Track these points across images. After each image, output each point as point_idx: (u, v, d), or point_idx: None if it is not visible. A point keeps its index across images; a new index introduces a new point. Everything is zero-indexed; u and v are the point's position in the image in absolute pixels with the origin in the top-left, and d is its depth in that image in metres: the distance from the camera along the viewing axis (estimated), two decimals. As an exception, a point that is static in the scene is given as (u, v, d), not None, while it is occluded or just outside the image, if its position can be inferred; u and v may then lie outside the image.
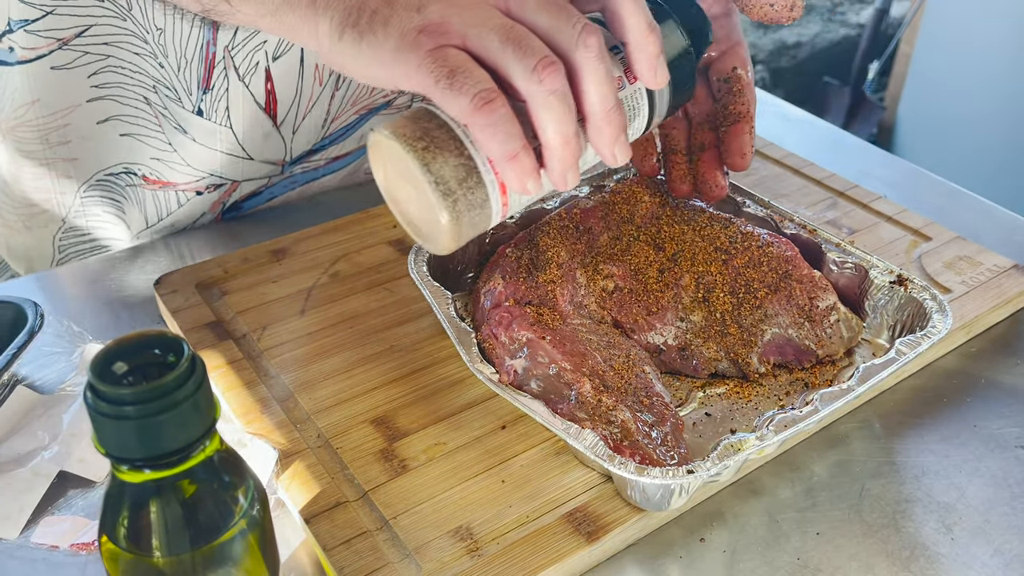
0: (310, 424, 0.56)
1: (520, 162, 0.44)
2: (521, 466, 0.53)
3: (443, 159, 0.45)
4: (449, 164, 0.45)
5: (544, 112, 0.44)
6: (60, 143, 0.71)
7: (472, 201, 0.46)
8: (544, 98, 0.43)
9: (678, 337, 0.60)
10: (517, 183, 0.45)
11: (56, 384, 0.60)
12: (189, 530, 0.34)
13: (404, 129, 0.46)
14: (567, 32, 0.44)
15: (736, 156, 0.63)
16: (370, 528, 0.50)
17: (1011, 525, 0.52)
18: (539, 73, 0.43)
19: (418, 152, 0.45)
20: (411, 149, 0.45)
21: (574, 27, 0.44)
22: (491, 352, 0.56)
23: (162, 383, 0.31)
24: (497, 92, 0.43)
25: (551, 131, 0.44)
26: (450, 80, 0.42)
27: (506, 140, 0.43)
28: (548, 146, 0.45)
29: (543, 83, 0.43)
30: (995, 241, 0.74)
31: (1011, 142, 2.10)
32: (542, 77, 0.43)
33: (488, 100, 0.42)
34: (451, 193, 0.45)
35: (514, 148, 0.44)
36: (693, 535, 0.51)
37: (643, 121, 0.52)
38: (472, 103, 0.42)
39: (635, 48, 0.47)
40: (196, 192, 0.76)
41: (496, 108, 0.43)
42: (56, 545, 0.50)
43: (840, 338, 0.60)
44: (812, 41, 3.07)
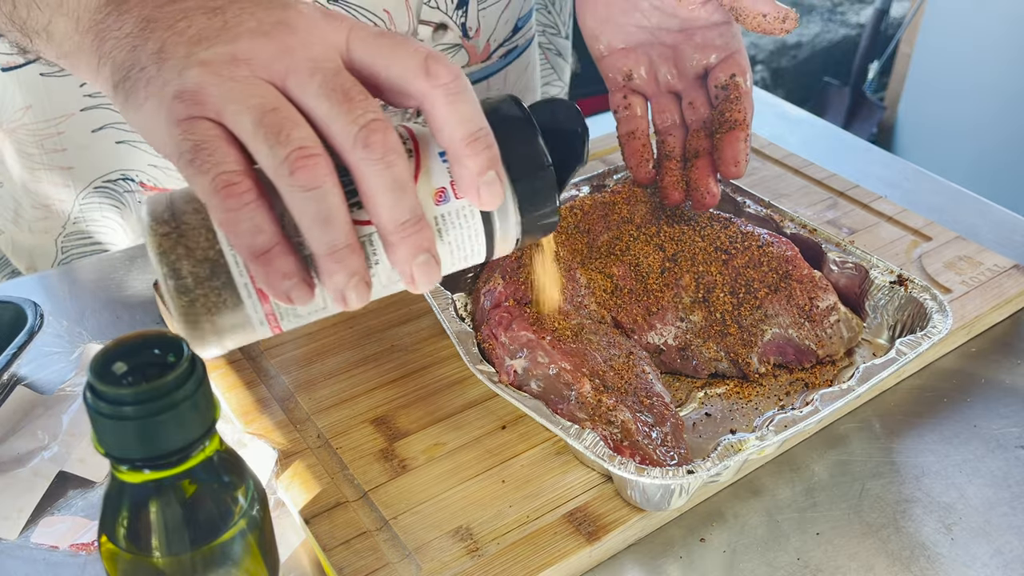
0: (310, 424, 0.56)
1: (272, 264, 0.37)
2: (521, 466, 0.53)
3: (184, 250, 0.38)
4: (191, 257, 0.38)
5: (298, 213, 0.37)
6: (56, 150, 0.71)
7: (215, 305, 0.38)
8: (295, 196, 0.36)
9: (678, 337, 0.60)
10: (272, 290, 0.37)
11: (56, 384, 0.60)
12: (189, 530, 0.34)
13: (156, 207, 0.39)
14: (345, 126, 0.37)
15: (730, 164, 0.62)
16: (370, 528, 0.50)
17: (1011, 525, 0.52)
18: (288, 164, 0.36)
19: (158, 237, 0.38)
20: (152, 232, 0.38)
21: (355, 121, 0.37)
22: (491, 352, 0.56)
23: (162, 383, 0.31)
24: (244, 175, 0.36)
25: (309, 237, 0.37)
26: (192, 155, 0.37)
27: (251, 233, 0.36)
28: (314, 255, 0.38)
29: (292, 177, 0.36)
30: (995, 241, 0.74)
31: (1011, 142, 2.10)
32: (292, 169, 0.36)
33: (230, 183, 0.36)
34: (187, 291, 0.38)
35: (262, 243, 0.36)
36: (693, 535, 0.51)
37: (478, 246, 0.42)
38: (211, 184, 0.36)
39: (452, 159, 0.39)
40: None
41: (239, 192, 0.36)
42: (56, 545, 0.50)
43: (840, 338, 0.60)
44: (812, 41, 3.07)
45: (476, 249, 0.43)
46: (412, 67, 0.39)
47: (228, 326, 0.39)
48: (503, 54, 0.82)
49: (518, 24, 0.82)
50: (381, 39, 0.39)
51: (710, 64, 0.64)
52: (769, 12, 0.59)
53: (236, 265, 0.38)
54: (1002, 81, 2.10)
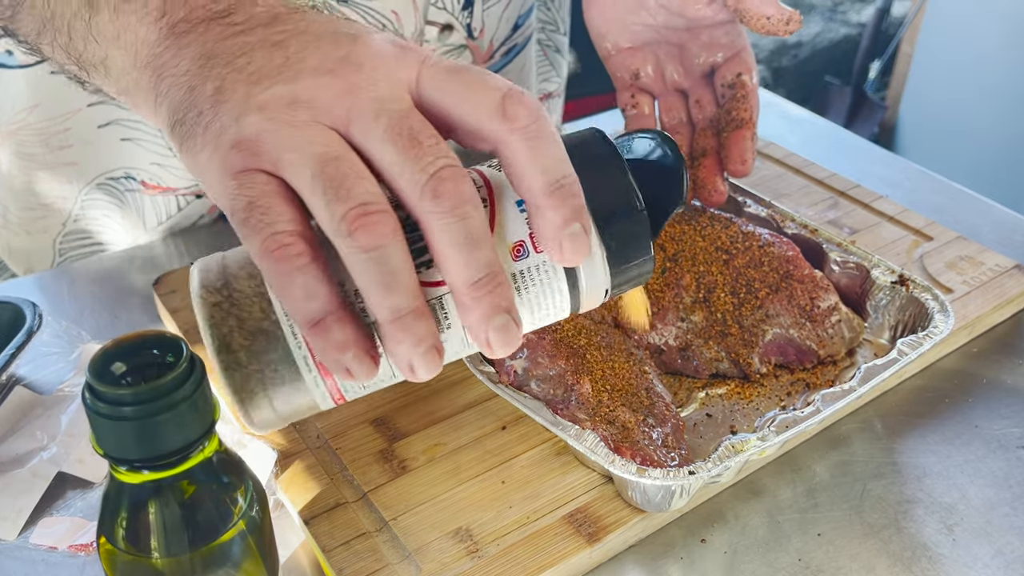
0: (310, 424, 0.56)
1: (328, 334, 0.33)
2: (521, 467, 0.53)
3: (236, 320, 0.35)
4: (243, 328, 0.35)
5: (359, 276, 0.33)
6: (61, 147, 0.71)
7: (272, 379, 0.35)
8: (355, 257, 0.33)
9: (679, 337, 0.59)
10: (331, 362, 0.34)
11: (54, 385, 0.60)
12: (188, 531, 0.34)
13: (208, 272, 0.36)
14: (413, 175, 0.33)
15: (736, 162, 0.62)
16: (370, 529, 0.49)
17: (1013, 526, 0.51)
18: (348, 223, 0.32)
19: (208, 307, 0.35)
20: (201, 302, 0.35)
21: (424, 169, 0.33)
22: (491, 352, 0.56)
23: (161, 384, 0.31)
24: (298, 236, 0.33)
25: (371, 302, 0.34)
26: (246, 214, 0.33)
27: (304, 299, 0.33)
28: (377, 321, 0.34)
29: (352, 237, 0.33)
30: (997, 241, 0.74)
31: (1013, 141, 2.10)
32: (351, 229, 0.32)
33: (282, 244, 0.33)
34: (239, 367, 0.35)
35: (315, 312, 0.33)
36: (694, 536, 0.51)
37: (562, 303, 0.38)
38: (263, 245, 0.33)
39: (532, 210, 0.35)
40: (196, 195, 0.76)
41: (291, 255, 0.33)
42: (55, 546, 0.50)
43: (841, 338, 0.60)
44: (813, 40, 3.07)
45: (560, 306, 0.38)
46: (487, 106, 0.35)
47: (286, 401, 0.36)
48: (504, 53, 0.82)
49: (518, 22, 0.82)
50: (455, 75, 0.36)
51: (716, 62, 0.64)
52: (773, 14, 0.59)
53: (293, 337, 0.35)
54: (1003, 80, 2.10)
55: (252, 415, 0.36)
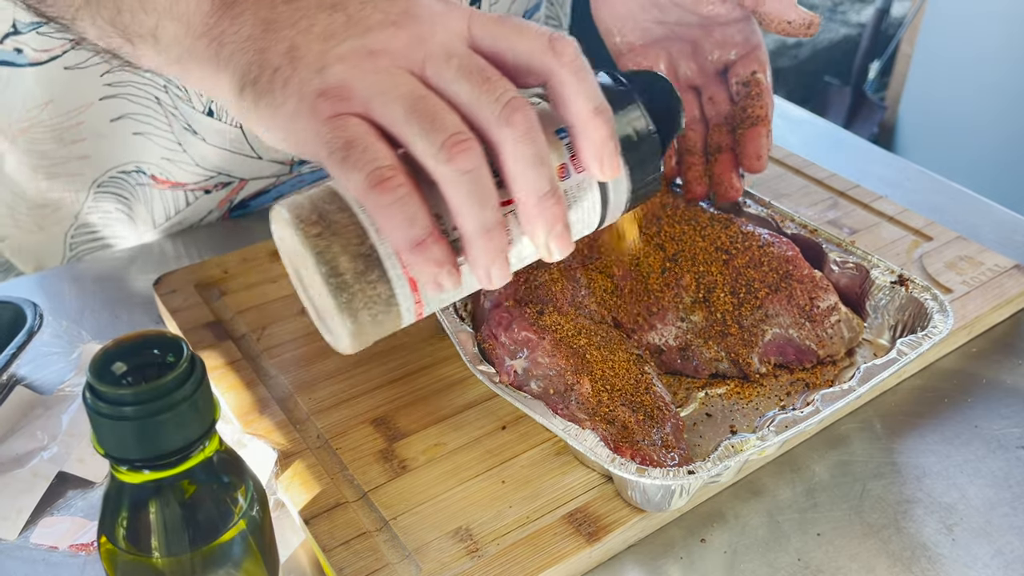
0: (310, 424, 0.56)
1: (427, 252, 0.38)
2: (521, 467, 0.53)
3: (339, 247, 0.39)
4: (346, 254, 0.39)
5: (456, 196, 0.38)
6: (74, 141, 0.72)
7: (372, 298, 0.40)
8: (454, 180, 0.37)
9: (678, 337, 0.60)
10: (427, 277, 0.39)
11: (55, 384, 0.60)
12: (188, 531, 0.34)
13: (300, 210, 0.40)
14: (489, 106, 0.38)
15: (752, 159, 0.63)
16: (370, 529, 0.49)
17: (1012, 526, 0.51)
18: (447, 151, 0.37)
19: (310, 238, 0.39)
20: (304, 234, 0.39)
21: (497, 100, 0.38)
22: (491, 352, 0.56)
23: (161, 383, 0.31)
24: (396, 169, 0.37)
25: (465, 218, 0.38)
26: (344, 153, 0.37)
27: (408, 225, 0.37)
28: (464, 236, 0.39)
29: (451, 163, 0.37)
30: (996, 241, 0.74)
31: (1012, 142, 2.10)
32: (450, 155, 0.37)
33: (385, 178, 0.37)
34: (346, 287, 0.39)
35: (418, 235, 0.38)
36: (694, 536, 0.51)
37: (593, 216, 0.45)
38: (367, 180, 0.37)
39: (579, 134, 0.41)
40: (204, 191, 0.77)
41: (394, 187, 0.37)
42: (55, 546, 0.50)
43: (841, 338, 0.60)
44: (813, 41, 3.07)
45: (592, 219, 0.45)
46: (539, 46, 0.40)
47: (383, 317, 0.41)
48: None
49: (525, 17, 0.82)
50: (503, 22, 0.41)
51: (730, 60, 0.64)
52: (795, 19, 0.59)
53: (389, 258, 0.39)
54: (1003, 80, 2.10)
55: (354, 331, 0.40)
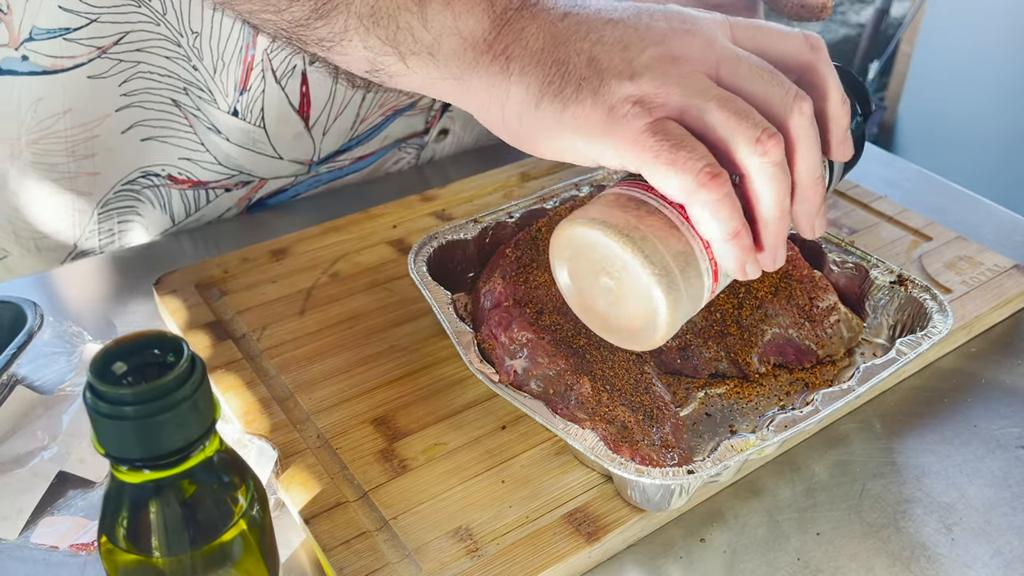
0: (310, 424, 0.56)
1: (741, 241, 0.41)
2: (521, 466, 0.53)
3: (664, 248, 0.41)
4: (670, 253, 0.41)
5: (767, 186, 0.41)
6: (86, 156, 0.71)
7: (691, 291, 0.43)
8: (768, 171, 0.41)
9: (678, 337, 0.60)
10: (736, 264, 0.42)
11: (55, 384, 0.60)
12: (189, 530, 0.34)
13: (613, 219, 0.42)
14: (782, 98, 0.42)
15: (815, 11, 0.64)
16: (370, 528, 0.50)
17: (1012, 525, 0.52)
18: (763, 145, 0.40)
19: (636, 243, 0.41)
20: (628, 241, 0.41)
21: (787, 92, 0.42)
22: (491, 352, 0.56)
23: (162, 383, 0.31)
24: (721, 168, 0.40)
25: (770, 205, 0.42)
26: (673, 155, 0.40)
27: (729, 218, 0.41)
28: (765, 222, 0.42)
29: (767, 155, 0.40)
30: (996, 241, 0.74)
31: (1012, 142, 2.10)
32: (767, 149, 0.40)
33: (715, 174, 0.40)
34: (674, 286, 0.42)
35: (736, 226, 0.41)
36: (693, 535, 0.51)
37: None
38: (697, 179, 0.39)
39: (832, 119, 0.45)
40: (225, 189, 0.77)
41: (723, 183, 0.40)
42: (56, 545, 0.50)
43: (840, 338, 0.60)
44: (812, 41, 3.07)
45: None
46: (799, 44, 0.44)
47: (690, 308, 0.44)
48: None
49: None
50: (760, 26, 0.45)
51: None
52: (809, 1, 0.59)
53: (700, 251, 0.42)
54: (1003, 80, 2.10)
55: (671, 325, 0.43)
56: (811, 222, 0.45)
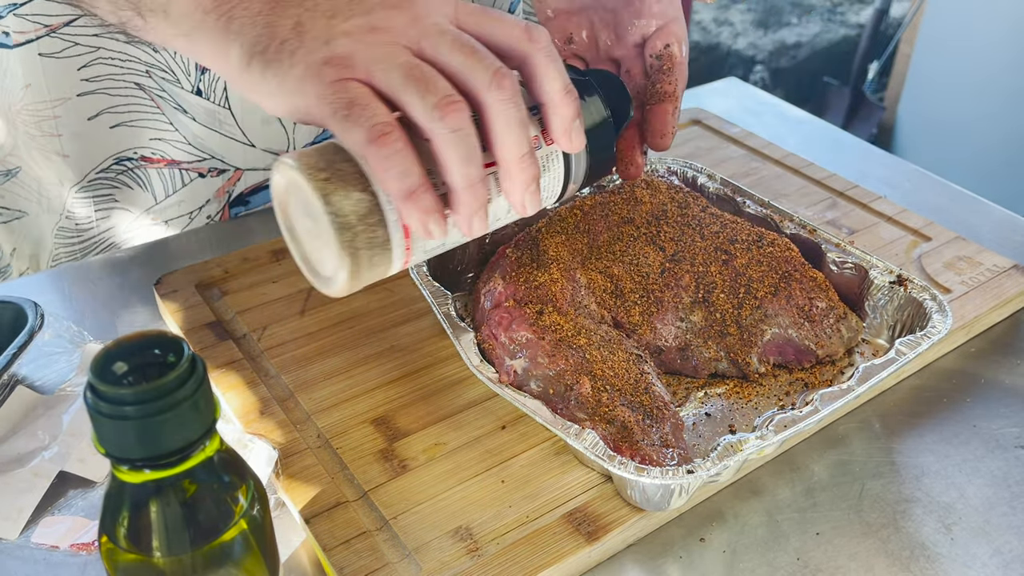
0: (310, 424, 0.56)
1: (419, 200, 0.43)
2: (521, 466, 0.53)
3: (344, 192, 0.43)
4: (351, 198, 0.43)
5: (446, 151, 0.43)
6: (52, 134, 0.72)
7: (372, 240, 0.44)
8: (445, 136, 0.42)
9: (678, 337, 0.60)
10: (417, 223, 0.43)
11: (56, 384, 0.60)
12: (189, 530, 0.34)
13: (308, 159, 0.44)
14: (480, 73, 0.43)
15: (656, 136, 0.62)
16: (370, 528, 0.50)
17: (1011, 525, 0.52)
18: (440, 110, 0.42)
19: (319, 182, 0.43)
20: (312, 179, 0.43)
21: (487, 68, 0.43)
22: (491, 352, 0.56)
23: (162, 383, 0.31)
24: (394, 126, 0.42)
25: (454, 171, 0.43)
26: (347, 111, 0.42)
27: (403, 175, 0.42)
28: (452, 188, 0.44)
29: (443, 120, 0.42)
30: (995, 241, 0.74)
31: (1011, 142, 2.10)
32: (443, 114, 0.42)
33: (383, 132, 0.41)
34: (350, 227, 0.43)
35: (411, 184, 0.42)
36: (693, 535, 0.51)
37: (557, 185, 0.50)
38: (367, 135, 0.41)
39: (551, 109, 0.46)
40: (199, 174, 0.77)
41: (391, 141, 0.41)
42: (56, 545, 0.50)
43: (840, 338, 0.60)
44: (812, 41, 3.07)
45: (555, 189, 0.50)
46: (517, 31, 0.46)
47: (378, 259, 0.45)
48: None
49: (511, 9, 0.83)
50: (485, 11, 0.46)
51: (647, 32, 0.64)
52: None
53: (387, 204, 0.44)
54: (1002, 81, 2.10)
55: (351, 270, 0.44)
56: (520, 198, 0.46)
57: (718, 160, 0.83)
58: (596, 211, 0.65)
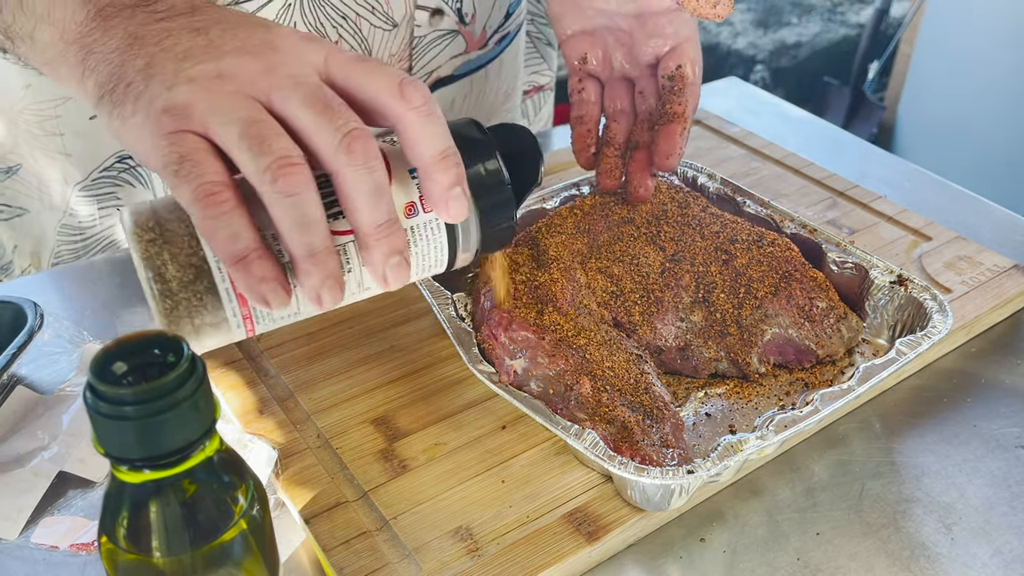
0: (310, 424, 0.56)
1: (250, 268, 0.39)
2: (521, 466, 0.53)
3: (169, 255, 0.40)
4: (175, 262, 0.40)
5: (279, 218, 0.39)
6: (55, 133, 0.72)
7: (198, 308, 0.41)
8: (277, 201, 0.38)
9: (678, 337, 0.60)
10: (251, 292, 0.39)
11: (56, 384, 0.60)
12: (189, 530, 0.34)
13: (140, 216, 0.41)
14: (329, 134, 0.39)
15: (663, 156, 0.62)
16: (370, 528, 0.50)
17: (1011, 525, 0.52)
18: (271, 172, 0.38)
19: (142, 243, 0.40)
20: (136, 239, 0.40)
21: (337, 129, 0.39)
22: (491, 352, 0.56)
23: (162, 383, 0.31)
24: (225, 186, 0.38)
25: (290, 239, 0.39)
26: (177, 166, 0.38)
27: (231, 240, 0.38)
28: (292, 256, 0.40)
29: (275, 184, 0.38)
30: (995, 241, 0.74)
31: (1011, 142, 2.10)
32: (275, 177, 0.38)
33: (211, 192, 0.38)
34: (171, 295, 0.40)
35: (240, 250, 0.38)
36: (693, 535, 0.51)
37: (441, 255, 0.45)
38: (194, 193, 0.38)
39: (424, 175, 0.42)
40: None
41: (219, 201, 0.38)
42: (56, 545, 0.50)
43: (840, 338, 0.60)
44: (812, 41, 3.07)
45: (439, 259, 0.46)
46: (387, 88, 0.41)
47: (208, 327, 0.42)
48: (498, 40, 0.82)
49: (509, 10, 0.83)
50: (358, 61, 0.42)
51: (661, 52, 0.64)
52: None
53: (219, 271, 0.40)
54: (1002, 81, 2.10)
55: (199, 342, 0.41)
56: (380, 272, 0.41)
57: (718, 160, 0.83)
58: (596, 211, 0.65)
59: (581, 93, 0.67)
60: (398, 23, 0.73)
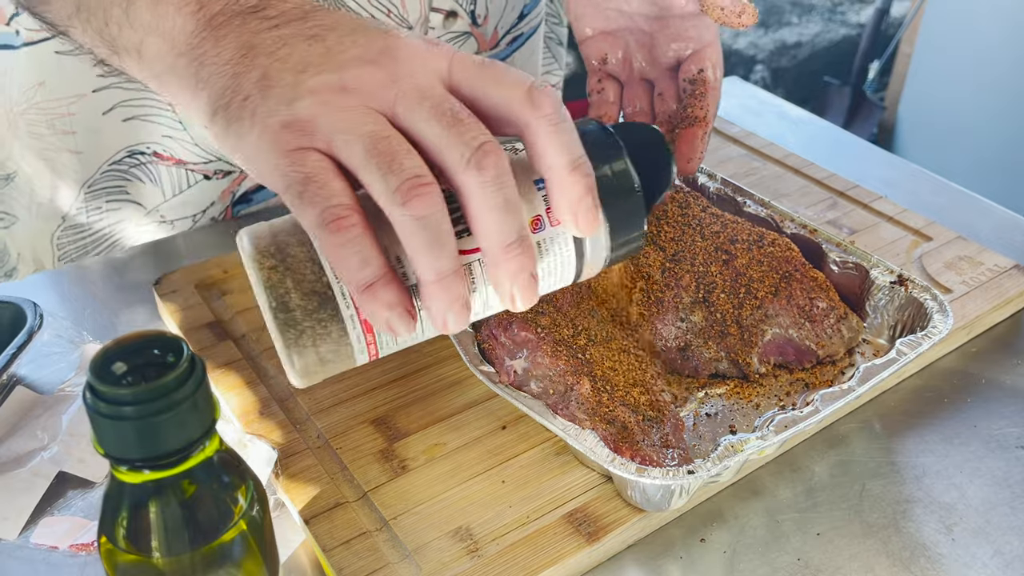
0: (310, 424, 0.56)
1: (377, 294, 0.37)
2: (521, 466, 0.53)
3: (292, 282, 0.38)
4: (299, 290, 0.38)
5: (409, 241, 0.37)
6: (66, 132, 0.72)
7: (322, 336, 0.39)
8: (408, 224, 0.36)
9: (678, 337, 0.60)
10: (378, 321, 0.38)
11: (55, 384, 0.60)
12: (188, 531, 0.34)
13: (260, 240, 0.39)
14: (458, 148, 0.37)
15: (684, 160, 0.62)
16: (370, 529, 0.50)
17: (1011, 525, 0.52)
18: (402, 195, 0.36)
19: (264, 270, 0.38)
20: (258, 265, 0.39)
21: (467, 144, 0.37)
22: (491, 352, 0.56)
23: (161, 383, 0.31)
24: (352, 209, 0.37)
25: (419, 263, 0.37)
26: (301, 188, 0.37)
27: (359, 266, 0.37)
28: (420, 280, 0.38)
29: (406, 206, 0.36)
30: (996, 241, 0.74)
31: (1012, 142, 2.10)
32: (405, 199, 0.36)
33: (338, 216, 0.36)
34: (295, 324, 0.38)
35: (368, 277, 0.37)
36: (693, 535, 0.51)
37: (568, 270, 0.43)
38: (320, 217, 0.36)
39: (553, 187, 0.39)
40: (204, 176, 0.77)
41: (346, 226, 0.36)
42: (55, 546, 0.50)
43: (840, 338, 0.60)
44: (812, 41, 3.07)
45: (567, 274, 0.43)
46: (517, 96, 0.39)
47: (332, 356, 0.40)
48: (510, 41, 0.83)
49: (524, 11, 0.83)
50: (484, 67, 0.40)
51: (682, 56, 0.64)
52: (727, 6, 0.60)
53: (343, 297, 0.39)
54: (1002, 81, 2.10)
55: (300, 369, 0.40)
56: (508, 291, 0.39)
57: (718, 160, 0.83)
58: (596, 211, 0.65)
59: (600, 93, 0.67)
60: (412, 25, 0.73)
